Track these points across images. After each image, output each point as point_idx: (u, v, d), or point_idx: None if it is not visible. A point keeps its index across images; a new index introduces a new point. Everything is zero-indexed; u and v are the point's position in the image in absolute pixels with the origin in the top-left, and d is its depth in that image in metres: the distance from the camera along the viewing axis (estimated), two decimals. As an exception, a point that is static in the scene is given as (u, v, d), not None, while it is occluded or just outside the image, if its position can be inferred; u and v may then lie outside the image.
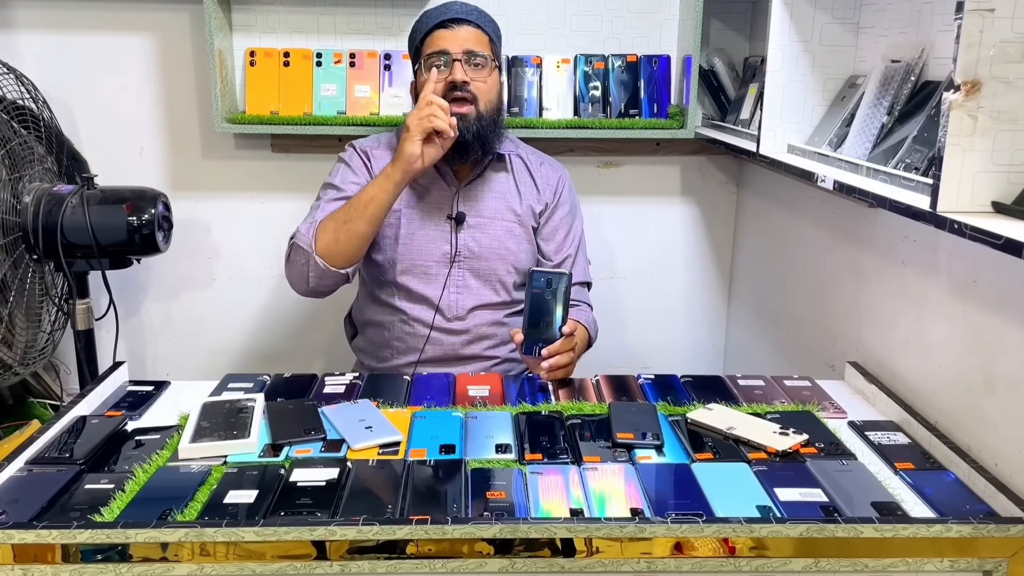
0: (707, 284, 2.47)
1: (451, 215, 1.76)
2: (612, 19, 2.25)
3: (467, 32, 1.68)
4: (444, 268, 1.76)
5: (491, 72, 1.70)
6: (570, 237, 1.85)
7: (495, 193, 1.78)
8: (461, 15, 1.69)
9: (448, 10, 1.70)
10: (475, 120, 1.67)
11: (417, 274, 1.76)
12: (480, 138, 1.68)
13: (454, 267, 1.76)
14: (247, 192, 2.33)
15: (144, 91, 2.26)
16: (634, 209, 2.40)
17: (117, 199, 1.95)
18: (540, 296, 1.48)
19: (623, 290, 2.45)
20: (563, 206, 1.84)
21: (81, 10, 2.19)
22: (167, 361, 2.43)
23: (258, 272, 2.39)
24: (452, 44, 1.67)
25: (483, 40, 1.70)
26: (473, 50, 1.67)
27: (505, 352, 1.81)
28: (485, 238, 1.77)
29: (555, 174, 1.85)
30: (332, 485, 1.14)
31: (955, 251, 1.29)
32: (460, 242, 1.76)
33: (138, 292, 2.38)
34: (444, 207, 1.77)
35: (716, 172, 2.39)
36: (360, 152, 1.81)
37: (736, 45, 2.26)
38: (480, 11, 1.74)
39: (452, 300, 1.77)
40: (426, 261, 1.76)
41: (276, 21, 2.21)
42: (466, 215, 1.76)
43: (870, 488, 1.16)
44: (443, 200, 1.77)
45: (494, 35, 1.74)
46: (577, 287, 1.84)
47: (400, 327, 1.78)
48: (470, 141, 1.67)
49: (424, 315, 1.76)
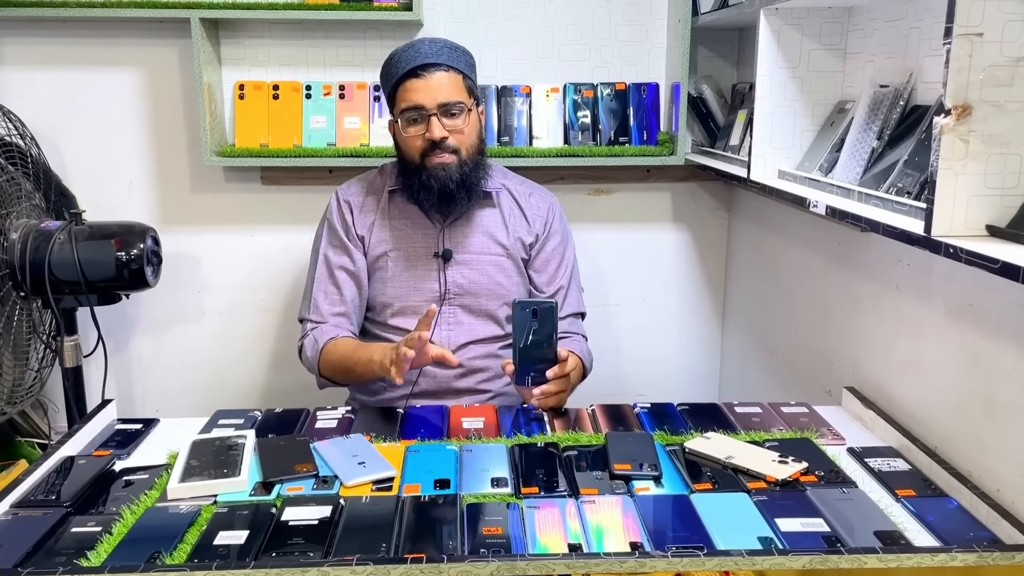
0: (701, 310, 2.47)
1: (438, 253, 1.75)
2: (600, 48, 2.26)
3: (440, 79, 1.63)
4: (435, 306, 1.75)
5: (469, 116, 1.68)
6: (562, 268, 1.84)
7: (481, 228, 1.77)
8: (431, 59, 1.63)
9: (418, 53, 1.64)
10: (458, 168, 1.66)
11: (409, 314, 1.75)
12: (464, 185, 1.68)
13: (444, 305, 1.75)
14: (237, 225, 2.32)
15: (133, 125, 2.25)
16: (626, 236, 2.40)
17: (105, 235, 1.94)
18: (527, 326, 1.47)
19: (616, 317, 2.44)
20: (554, 236, 1.83)
21: (69, 46, 2.19)
22: (157, 397, 2.40)
23: (248, 305, 2.37)
24: (426, 97, 1.63)
25: (457, 83, 1.66)
26: (448, 102, 1.63)
27: (499, 386, 1.79)
28: (474, 274, 1.76)
29: (544, 204, 1.84)
30: (325, 523, 1.12)
31: (950, 275, 1.28)
32: (449, 279, 1.75)
33: (127, 327, 2.36)
34: (431, 245, 1.76)
35: (707, 198, 2.39)
36: (343, 204, 1.79)
37: (724, 72, 2.27)
38: (450, 48, 1.67)
39: (444, 337, 1.75)
40: (417, 301, 1.75)
41: (265, 54, 2.22)
42: (453, 252, 1.75)
43: (872, 517, 1.14)
44: (429, 238, 1.76)
45: (468, 70, 1.70)
46: (571, 318, 1.83)
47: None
48: (454, 190, 1.67)
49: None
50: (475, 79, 1.73)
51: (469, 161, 1.68)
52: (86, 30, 2.18)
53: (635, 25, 2.25)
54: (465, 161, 1.67)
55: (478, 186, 1.72)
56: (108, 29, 2.18)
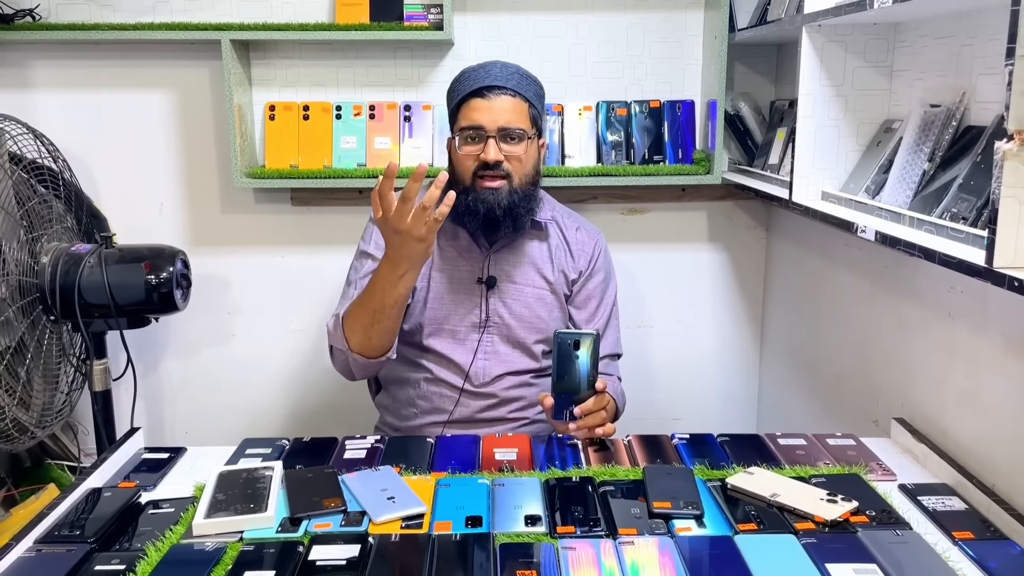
0: (738, 333, 2.40)
1: (481, 279, 1.71)
2: (634, 65, 2.22)
3: (504, 103, 1.59)
4: (474, 333, 1.71)
5: (529, 145, 1.63)
6: (602, 307, 1.79)
7: (527, 259, 1.73)
8: (500, 82, 1.60)
9: (488, 74, 1.61)
10: (507, 194, 1.61)
11: (445, 337, 1.71)
12: (511, 213, 1.62)
13: (484, 333, 1.71)
14: (267, 247, 2.31)
15: (163, 147, 2.25)
16: (660, 256, 2.35)
17: (135, 258, 1.93)
18: (568, 358, 1.42)
19: (651, 340, 2.39)
20: (597, 274, 1.78)
21: (99, 67, 2.19)
22: (186, 420, 2.39)
23: (278, 328, 2.35)
24: (487, 118, 1.58)
25: (521, 110, 1.61)
26: (509, 127, 1.59)
27: (532, 413, 1.74)
28: (516, 305, 1.71)
29: (591, 240, 1.79)
30: (353, 564, 1.08)
31: (1008, 305, 1.22)
32: (490, 307, 1.71)
33: (156, 350, 2.35)
34: (475, 270, 1.71)
35: (744, 217, 2.33)
36: None
37: (761, 88, 2.21)
38: (521, 75, 1.64)
39: (480, 367, 1.71)
40: (455, 325, 1.71)
41: (295, 75, 2.20)
42: (497, 279, 1.71)
43: (929, 563, 1.07)
44: (474, 263, 1.71)
45: (535, 99, 1.65)
46: (607, 359, 1.78)
47: (426, 387, 1.73)
48: (499, 217, 1.61)
49: (451, 378, 1.71)
50: (541, 111, 1.69)
51: (520, 190, 1.63)
52: (117, 52, 2.18)
53: (669, 42, 2.20)
54: (516, 189, 1.62)
55: (525, 217, 1.66)
56: (139, 51, 2.18)
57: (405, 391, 1.76)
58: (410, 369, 1.75)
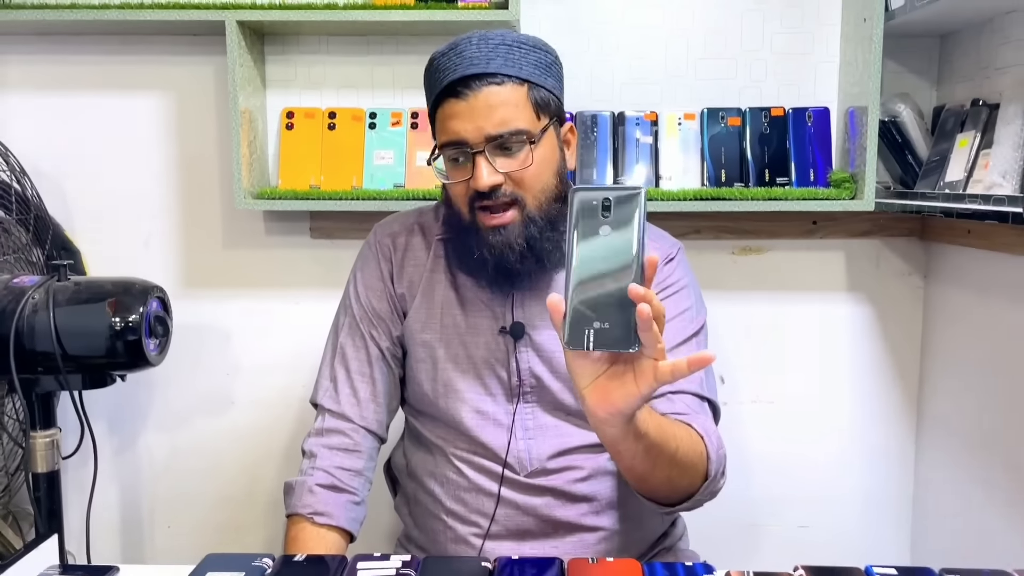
0: (886, 412, 1.83)
1: (505, 327, 1.20)
2: (750, 64, 1.73)
3: (489, 98, 1.10)
4: (505, 404, 1.21)
5: (536, 148, 1.12)
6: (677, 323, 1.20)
7: None
8: (478, 67, 1.10)
9: (461, 59, 1.11)
10: (520, 229, 1.13)
11: (467, 413, 1.21)
12: (532, 251, 1.14)
13: (519, 402, 1.20)
14: (278, 289, 1.83)
15: (155, 164, 1.80)
16: (781, 310, 1.80)
17: (95, 294, 1.45)
18: (593, 232, 0.81)
19: (768, 418, 1.83)
20: (666, 289, 1.22)
21: (76, 63, 1.77)
22: (168, 512, 1.88)
23: (287, 393, 1.85)
24: (468, 126, 1.10)
25: (518, 99, 1.11)
26: (500, 132, 1.10)
27: (612, 521, 1.21)
28: (556, 359, 1.19)
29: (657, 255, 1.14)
30: None
31: None
32: (521, 365, 1.20)
33: (136, 420, 1.86)
34: (496, 316, 1.21)
35: (894, 260, 1.79)
36: (381, 250, 1.31)
37: (918, 91, 1.71)
38: (509, 45, 1.12)
39: (523, 449, 1.20)
40: (477, 394, 1.21)
41: (320, 74, 1.76)
42: (525, 326, 1.20)
43: None
44: (494, 306, 1.21)
45: (538, 73, 1.14)
46: (688, 397, 1.17)
47: (455, 482, 1.22)
48: (515, 263, 1.13)
49: (488, 469, 1.21)
50: (552, 86, 1.16)
51: (539, 216, 1.13)
52: (99, 44, 1.76)
53: (797, 32, 1.72)
54: (532, 217, 1.13)
55: (555, 251, 1.16)
56: (126, 42, 1.76)
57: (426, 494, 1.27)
58: (431, 462, 1.26)
